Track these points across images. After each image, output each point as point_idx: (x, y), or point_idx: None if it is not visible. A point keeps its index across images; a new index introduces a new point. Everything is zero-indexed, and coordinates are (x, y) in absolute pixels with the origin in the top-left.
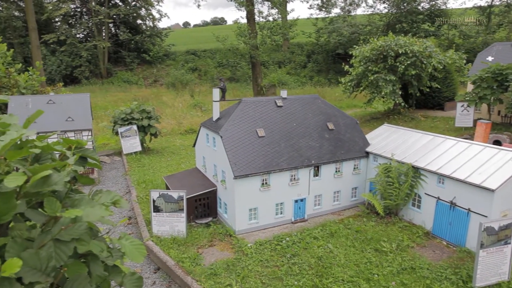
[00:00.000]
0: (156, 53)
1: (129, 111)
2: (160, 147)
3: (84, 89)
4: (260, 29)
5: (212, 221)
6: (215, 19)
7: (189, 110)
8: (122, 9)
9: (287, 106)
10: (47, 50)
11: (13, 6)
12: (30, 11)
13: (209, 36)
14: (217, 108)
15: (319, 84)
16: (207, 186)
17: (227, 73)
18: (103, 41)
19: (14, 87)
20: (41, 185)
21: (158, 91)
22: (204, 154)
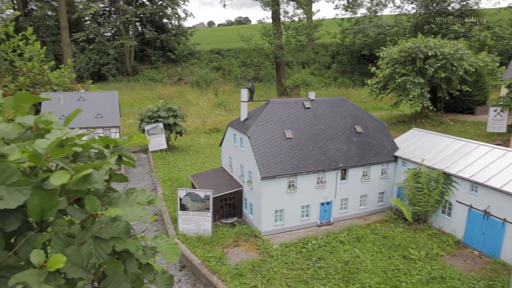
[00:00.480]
0: (181, 52)
1: (156, 109)
2: (185, 145)
3: (111, 87)
4: (285, 29)
5: (237, 221)
6: (239, 19)
7: (213, 109)
8: (149, 8)
9: (315, 108)
10: (76, 48)
11: (46, 5)
12: (62, 11)
13: (234, 35)
14: (245, 108)
15: (343, 85)
16: (233, 186)
17: (250, 73)
18: (130, 40)
19: (47, 83)
20: (82, 183)
21: (183, 89)
22: (231, 154)
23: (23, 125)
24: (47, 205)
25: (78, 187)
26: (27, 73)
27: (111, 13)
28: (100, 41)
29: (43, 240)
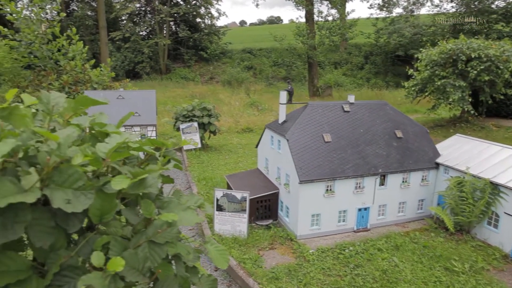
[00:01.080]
0: (213, 51)
1: (191, 108)
2: (218, 144)
3: (145, 84)
4: (318, 29)
5: (273, 223)
6: (271, 18)
7: (246, 109)
8: (183, 7)
9: (354, 111)
10: (113, 46)
11: (86, 6)
12: (102, 11)
13: (265, 35)
14: (283, 110)
15: (376, 87)
16: (270, 188)
17: (282, 73)
18: (164, 39)
19: (88, 82)
20: (137, 187)
21: (214, 88)
22: (267, 156)
23: (80, 127)
24: (107, 208)
25: (133, 191)
26: (70, 71)
27: (147, 12)
28: (135, 40)
29: (102, 242)
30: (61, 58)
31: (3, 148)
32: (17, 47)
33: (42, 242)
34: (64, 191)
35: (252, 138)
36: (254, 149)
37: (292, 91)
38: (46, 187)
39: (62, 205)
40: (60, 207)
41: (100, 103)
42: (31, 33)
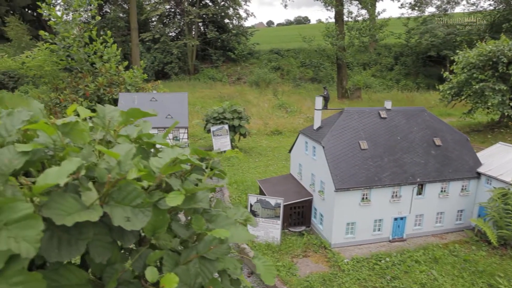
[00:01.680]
0: (241, 52)
1: (221, 111)
2: (248, 147)
3: (174, 85)
4: (348, 30)
5: (306, 230)
6: (298, 18)
7: (274, 111)
8: (211, 9)
9: (391, 118)
10: (143, 47)
11: (118, 8)
12: (133, 13)
13: (293, 35)
14: (318, 116)
15: (406, 88)
16: (303, 195)
17: (309, 73)
18: (193, 39)
19: (122, 83)
20: (188, 202)
21: (242, 88)
22: (301, 161)
23: (129, 137)
24: (160, 223)
25: (185, 206)
26: (105, 73)
27: (176, 14)
28: (165, 41)
29: (155, 257)
30: (97, 61)
31: (69, 167)
32: (57, 50)
33: (102, 257)
34: (123, 208)
35: (281, 141)
36: (284, 153)
37: (328, 97)
38: (105, 204)
39: (122, 223)
40: (120, 225)
41: (150, 115)
42: (69, 37)
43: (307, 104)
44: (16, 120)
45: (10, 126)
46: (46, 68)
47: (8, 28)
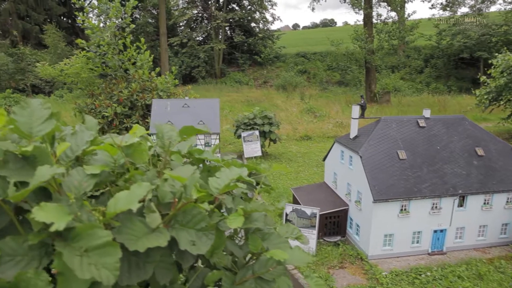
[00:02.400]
0: (267, 55)
1: (252, 117)
2: (277, 152)
3: (201, 88)
4: (377, 33)
5: (341, 240)
6: (324, 21)
7: (303, 115)
8: (238, 13)
9: (430, 127)
10: (171, 52)
11: (148, 13)
12: (163, 18)
13: (319, 38)
14: (355, 125)
15: (437, 92)
16: (338, 204)
17: (336, 77)
18: (219, 43)
19: (154, 89)
20: (245, 222)
21: (269, 92)
22: (336, 170)
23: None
24: (218, 243)
25: (242, 226)
26: (138, 79)
27: (203, 18)
28: (192, 45)
29: (214, 278)
30: (130, 67)
31: (139, 191)
32: (93, 58)
33: (165, 279)
34: (188, 231)
35: (311, 147)
36: (314, 159)
37: (365, 106)
38: (171, 227)
39: (188, 247)
40: (186, 249)
41: (202, 132)
42: (105, 45)
43: (335, 109)
44: (80, 141)
45: (75, 146)
46: (82, 75)
47: (45, 35)
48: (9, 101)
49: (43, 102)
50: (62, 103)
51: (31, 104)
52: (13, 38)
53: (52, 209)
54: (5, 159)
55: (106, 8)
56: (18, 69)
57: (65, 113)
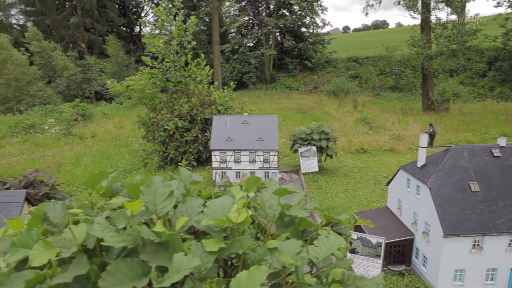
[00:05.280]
0: (318, 60)
1: (309, 132)
2: (333, 167)
3: (251, 94)
4: (436, 38)
5: (405, 269)
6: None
7: (357, 126)
8: (288, 19)
9: (506, 156)
10: (222, 58)
11: (200, 22)
12: (216, 27)
13: (371, 41)
14: (423, 154)
15: (502, 97)
16: (403, 233)
17: (389, 82)
18: (270, 49)
19: (213, 104)
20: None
21: (320, 98)
22: (401, 197)
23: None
24: None
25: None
26: (198, 94)
27: (254, 25)
28: (243, 51)
29: None
30: (191, 82)
31: (259, 276)
32: (156, 74)
33: None
34: None
35: (367, 161)
36: (371, 174)
37: (434, 134)
38: None
39: None
40: None
41: (289, 192)
42: (169, 61)
43: (391, 119)
44: (191, 210)
45: (187, 216)
46: (147, 91)
47: (107, 45)
48: (78, 109)
49: (163, 179)
50: (122, 110)
51: (154, 182)
52: (80, 49)
53: None
54: (143, 243)
55: (170, 26)
56: (84, 78)
57: (126, 120)
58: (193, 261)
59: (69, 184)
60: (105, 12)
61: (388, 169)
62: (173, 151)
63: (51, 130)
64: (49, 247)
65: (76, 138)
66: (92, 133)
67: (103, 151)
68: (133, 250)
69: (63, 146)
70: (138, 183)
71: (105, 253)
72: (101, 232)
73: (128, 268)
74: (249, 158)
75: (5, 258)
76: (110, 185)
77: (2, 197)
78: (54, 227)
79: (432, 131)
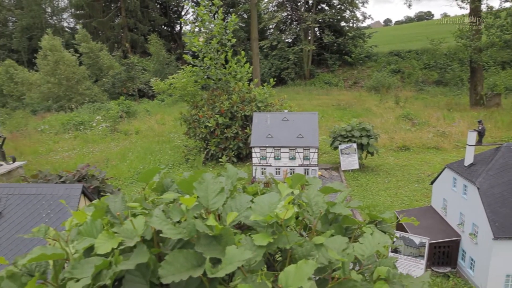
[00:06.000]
0: (358, 55)
1: (350, 129)
2: (374, 164)
3: (290, 90)
4: (486, 28)
5: (451, 271)
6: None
7: (399, 122)
8: (328, 13)
9: None
10: (261, 54)
11: (239, 18)
12: (254, 24)
13: (414, 34)
14: (471, 152)
15: None
16: (449, 234)
17: (433, 76)
18: (309, 45)
19: (252, 101)
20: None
21: (360, 94)
22: (447, 197)
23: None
24: None
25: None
26: (238, 91)
27: (293, 20)
28: (282, 47)
29: None
30: (232, 80)
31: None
32: (197, 72)
33: None
34: None
35: (410, 159)
36: (414, 173)
37: (484, 132)
38: None
39: None
40: None
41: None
42: (209, 60)
43: (435, 115)
44: (239, 205)
45: (235, 209)
46: (189, 89)
47: (149, 44)
48: (123, 107)
49: (214, 176)
50: (163, 107)
51: (206, 179)
52: (124, 49)
53: None
54: (198, 236)
55: (211, 26)
56: (128, 76)
57: (168, 117)
58: (245, 254)
59: (116, 178)
60: (147, 12)
61: (432, 168)
62: (213, 147)
63: (99, 126)
64: (112, 237)
65: (121, 134)
66: (136, 130)
67: (147, 147)
68: (187, 242)
69: (110, 142)
70: (189, 179)
71: (162, 244)
72: (159, 224)
73: (184, 259)
74: (289, 155)
75: (73, 245)
76: (161, 181)
77: (62, 190)
78: (115, 219)
79: (482, 128)
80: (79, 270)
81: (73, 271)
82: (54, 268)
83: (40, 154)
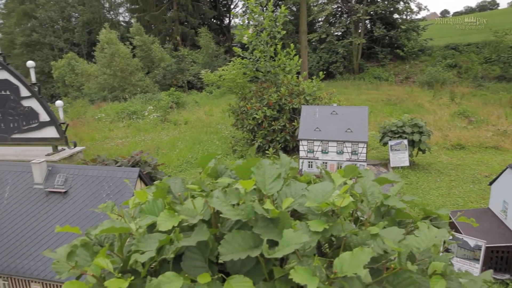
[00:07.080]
0: (411, 49)
1: (401, 124)
2: (425, 162)
3: (338, 84)
4: None
5: (510, 279)
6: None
7: (454, 119)
8: (380, 5)
9: None
10: (309, 48)
11: (287, 11)
12: (303, 16)
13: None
14: None
15: None
16: (508, 238)
17: (495, 71)
18: (359, 38)
19: (301, 94)
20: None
21: (412, 90)
22: (508, 199)
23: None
24: None
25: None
26: (286, 84)
27: (343, 13)
28: (331, 40)
29: None
30: (280, 72)
31: (363, 257)
32: (247, 64)
33: None
34: None
35: (465, 158)
36: (469, 173)
37: None
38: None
39: None
40: None
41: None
42: (259, 53)
43: (496, 113)
44: (294, 193)
45: (290, 195)
46: (238, 81)
47: (199, 37)
48: (173, 98)
49: (271, 162)
50: (211, 98)
51: (263, 165)
52: (174, 42)
53: (303, 272)
54: (255, 218)
55: (261, 18)
56: (178, 68)
57: (215, 109)
58: (302, 237)
59: (166, 166)
60: (198, 6)
61: (490, 168)
62: (260, 139)
63: (150, 116)
64: (173, 215)
65: (171, 124)
66: (185, 120)
67: (195, 137)
68: (245, 224)
69: (160, 131)
70: (245, 165)
71: (219, 225)
72: (220, 205)
73: (242, 239)
74: (337, 149)
75: (136, 222)
76: (216, 167)
77: (120, 173)
78: (176, 199)
79: None
80: (144, 244)
81: (139, 244)
82: (119, 240)
83: (97, 141)
